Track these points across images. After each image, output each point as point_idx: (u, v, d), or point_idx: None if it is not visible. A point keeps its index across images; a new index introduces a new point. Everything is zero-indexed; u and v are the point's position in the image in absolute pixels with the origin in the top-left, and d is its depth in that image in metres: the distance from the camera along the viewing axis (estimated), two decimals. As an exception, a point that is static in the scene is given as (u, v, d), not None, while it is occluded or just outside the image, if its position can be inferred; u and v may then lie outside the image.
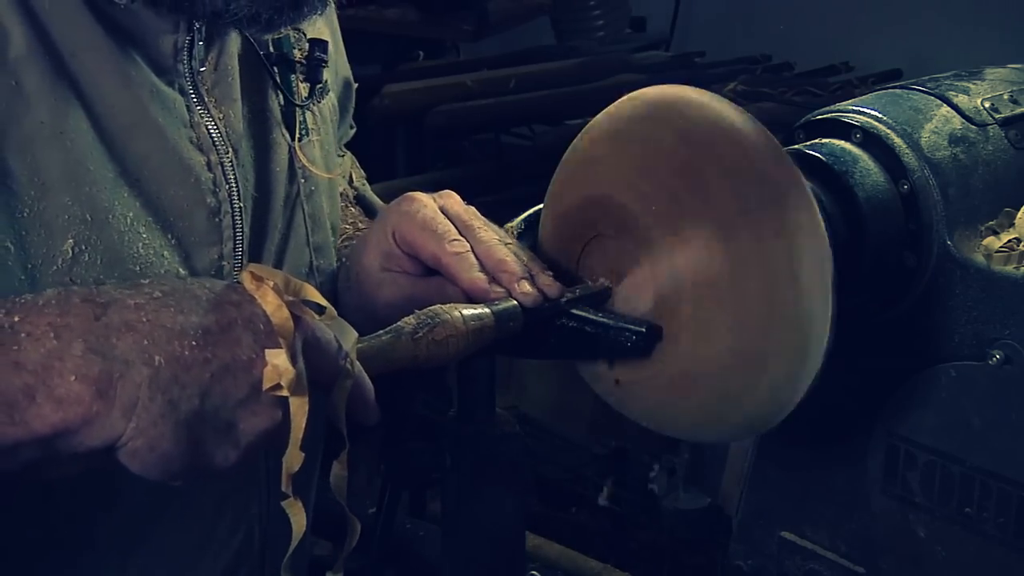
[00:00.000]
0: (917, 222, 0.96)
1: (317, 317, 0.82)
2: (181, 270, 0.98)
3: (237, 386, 0.77)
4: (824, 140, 0.99)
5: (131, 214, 0.95)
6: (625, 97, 0.95)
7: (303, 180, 1.09)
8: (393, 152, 2.57)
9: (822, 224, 0.85)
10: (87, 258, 0.92)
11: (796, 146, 1.00)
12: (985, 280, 0.94)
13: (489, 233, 0.99)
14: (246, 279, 0.80)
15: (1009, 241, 0.95)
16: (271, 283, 0.79)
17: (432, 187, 1.08)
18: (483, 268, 0.96)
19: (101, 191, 0.92)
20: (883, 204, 0.96)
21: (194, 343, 0.76)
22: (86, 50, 0.92)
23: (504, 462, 1.01)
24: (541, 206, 1.02)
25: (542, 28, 2.83)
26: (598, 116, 0.97)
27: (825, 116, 1.01)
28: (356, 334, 0.83)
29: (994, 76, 1.07)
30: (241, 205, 1.01)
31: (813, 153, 0.97)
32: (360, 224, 1.24)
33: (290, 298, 0.80)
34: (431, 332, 0.86)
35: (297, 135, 1.08)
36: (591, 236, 0.97)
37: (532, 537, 1.27)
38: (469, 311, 0.90)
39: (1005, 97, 1.03)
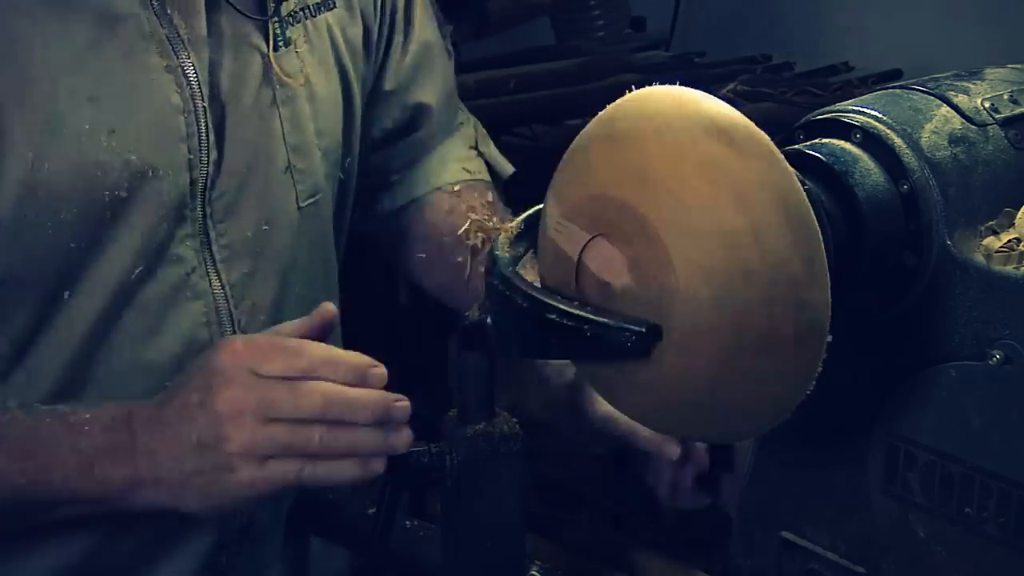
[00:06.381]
0: (917, 222, 0.96)
1: None
2: (149, 173, 1.10)
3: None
4: (824, 140, 0.99)
5: (86, 125, 1.06)
6: (626, 96, 0.95)
7: (279, 87, 1.22)
8: (393, 152, 2.56)
9: (815, 220, 0.85)
10: (48, 167, 1.04)
11: (796, 146, 1.00)
12: (985, 280, 0.94)
13: None
14: None
15: (1009, 241, 0.95)
16: None
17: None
18: None
19: (57, 102, 1.03)
20: (883, 204, 0.96)
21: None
22: None
23: (504, 462, 1.01)
24: (541, 206, 1.02)
25: (542, 28, 2.82)
26: (599, 115, 0.97)
27: (825, 116, 1.01)
28: None
29: (994, 76, 1.07)
30: (205, 105, 1.14)
31: (813, 153, 0.97)
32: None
33: None
34: None
35: (271, 46, 1.22)
36: (592, 236, 0.96)
37: (532, 537, 1.26)
38: None
39: (1005, 97, 1.03)
